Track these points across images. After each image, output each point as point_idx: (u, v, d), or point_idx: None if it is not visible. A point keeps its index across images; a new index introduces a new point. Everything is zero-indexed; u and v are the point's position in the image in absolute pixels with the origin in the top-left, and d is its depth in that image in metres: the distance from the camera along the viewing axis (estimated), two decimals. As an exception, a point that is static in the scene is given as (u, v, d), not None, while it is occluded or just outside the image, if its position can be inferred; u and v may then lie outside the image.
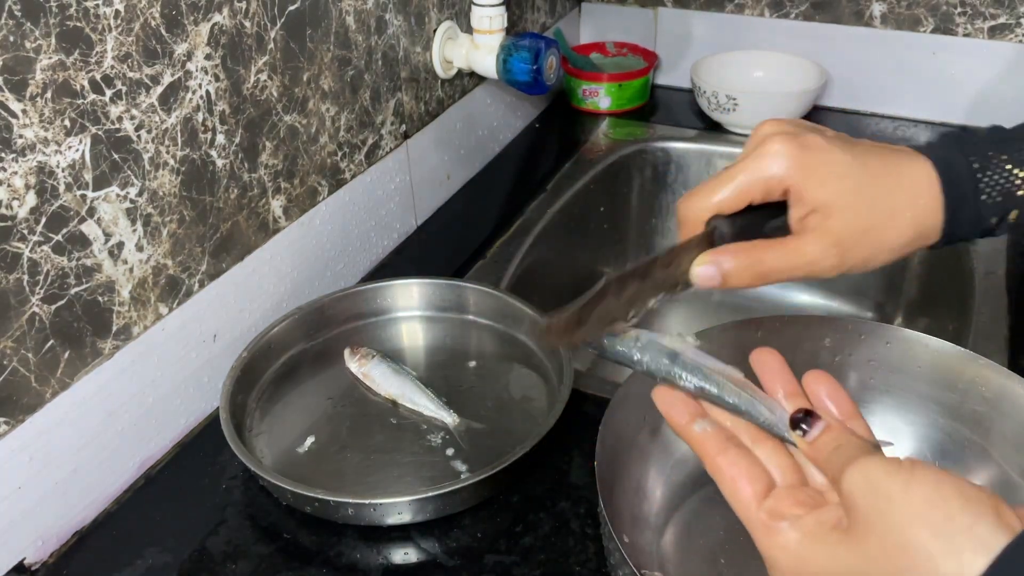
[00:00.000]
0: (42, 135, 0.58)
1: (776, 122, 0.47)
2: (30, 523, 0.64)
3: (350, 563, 0.64)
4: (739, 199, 0.46)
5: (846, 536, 0.37)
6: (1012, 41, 1.15)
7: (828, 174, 0.44)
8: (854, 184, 0.44)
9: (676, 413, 0.44)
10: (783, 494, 0.41)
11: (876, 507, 0.36)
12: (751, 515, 0.40)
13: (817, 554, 0.38)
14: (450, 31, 1.01)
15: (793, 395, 0.44)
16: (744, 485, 0.41)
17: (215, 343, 0.77)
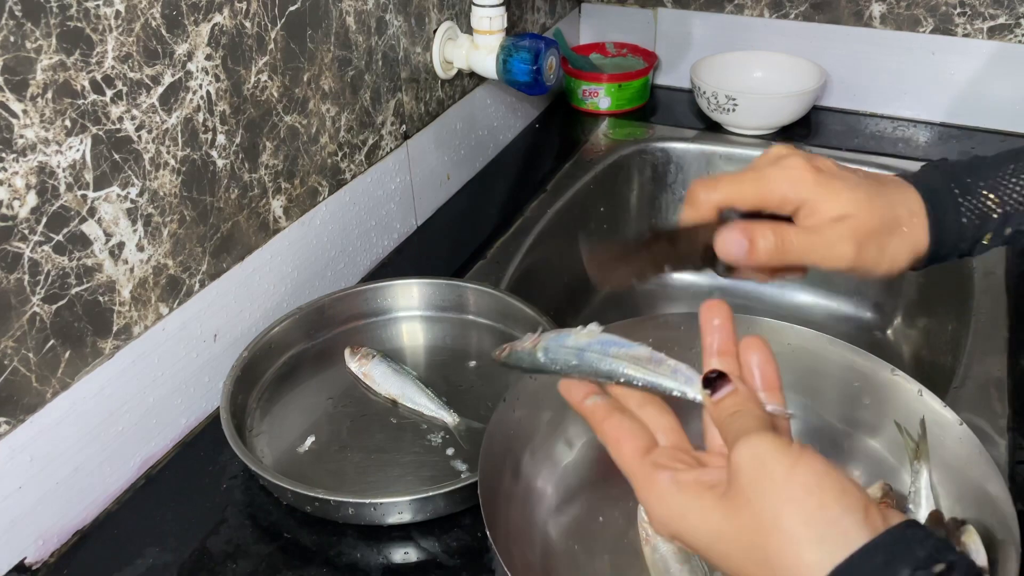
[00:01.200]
0: (43, 135, 0.58)
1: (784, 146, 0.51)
2: (31, 522, 0.64)
3: (350, 563, 0.64)
4: (756, 201, 0.49)
5: (721, 501, 0.39)
6: (1012, 41, 1.15)
7: (842, 188, 0.48)
8: (864, 196, 0.48)
9: (572, 394, 0.48)
10: (664, 451, 0.43)
11: (758, 483, 0.38)
12: (633, 467, 0.43)
13: (690, 509, 0.40)
14: (450, 31, 1.01)
15: (724, 354, 0.46)
16: (626, 442, 0.44)
17: (215, 343, 0.77)
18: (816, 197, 0.48)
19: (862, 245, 0.48)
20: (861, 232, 0.48)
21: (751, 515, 0.37)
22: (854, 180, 0.49)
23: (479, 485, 0.56)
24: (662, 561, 0.60)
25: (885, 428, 0.64)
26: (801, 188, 0.48)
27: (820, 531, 0.35)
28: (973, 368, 0.79)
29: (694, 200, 0.50)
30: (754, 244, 0.48)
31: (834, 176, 0.49)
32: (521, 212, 1.07)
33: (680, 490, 0.40)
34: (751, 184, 0.49)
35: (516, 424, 0.63)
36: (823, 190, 0.48)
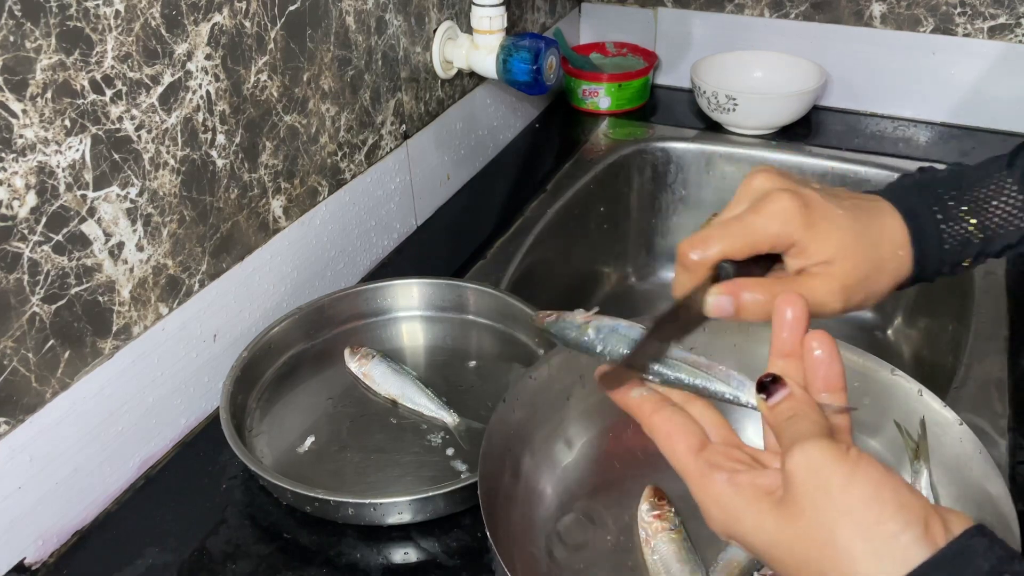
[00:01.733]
0: (42, 135, 0.58)
1: (768, 175, 0.49)
2: (30, 523, 0.64)
3: (350, 563, 0.64)
4: (747, 251, 0.48)
5: (777, 508, 0.38)
6: (1012, 41, 1.15)
7: (830, 229, 0.47)
8: (852, 238, 0.48)
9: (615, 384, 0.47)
10: (718, 449, 0.43)
11: (813, 494, 0.37)
12: (688, 465, 0.42)
13: (746, 514, 0.39)
14: (450, 31, 1.01)
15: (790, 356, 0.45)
16: (679, 438, 0.43)
17: (215, 343, 0.77)
18: (805, 239, 0.47)
19: (850, 294, 0.48)
20: (849, 282, 0.48)
21: (806, 526, 0.37)
22: (841, 219, 0.48)
23: (479, 485, 0.56)
24: (662, 561, 0.60)
25: (885, 428, 0.64)
26: (791, 230, 0.47)
27: (877, 547, 0.35)
28: (973, 368, 0.79)
29: (686, 264, 0.49)
30: (741, 306, 0.47)
31: (822, 214, 0.47)
32: (521, 212, 1.07)
33: (736, 492, 0.39)
34: (740, 236, 0.48)
35: (516, 424, 0.63)
36: (811, 232, 0.47)
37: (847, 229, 0.48)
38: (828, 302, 0.48)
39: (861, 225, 0.48)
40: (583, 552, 0.63)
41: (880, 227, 0.49)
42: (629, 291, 1.28)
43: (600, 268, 1.25)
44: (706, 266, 0.48)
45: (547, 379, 0.65)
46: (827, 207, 0.48)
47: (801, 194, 0.47)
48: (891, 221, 0.50)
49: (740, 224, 0.48)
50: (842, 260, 0.47)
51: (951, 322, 0.99)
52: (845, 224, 0.48)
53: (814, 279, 0.48)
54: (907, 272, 0.50)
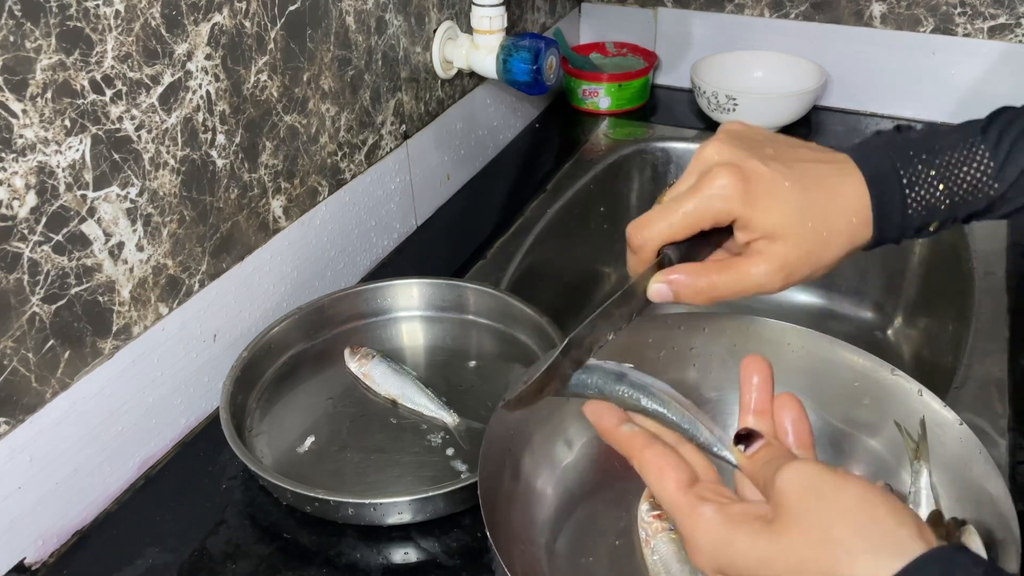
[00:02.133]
0: (42, 135, 0.58)
1: (719, 145, 0.49)
2: (30, 523, 0.64)
3: (350, 563, 0.64)
4: (689, 230, 0.48)
5: (768, 527, 0.38)
6: (1012, 41, 1.15)
7: (771, 204, 0.47)
8: (796, 211, 0.47)
9: (605, 420, 0.47)
10: (707, 486, 0.43)
11: (805, 503, 0.38)
12: (678, 499, 0.42)
13: (738, 539, 0.39)
14: (450, 31, 1.01)
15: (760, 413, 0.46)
16: (670, 473, 0.43)
17: (215, 343, 0.77)
18: (746, 214, 0.47)
19: (792, 271, 0.48)
20: (789, 259, 0.47)
21: (799, 533, 0.37)
22: (786, 191, 0.47)
23: (479, 485, 0.56)
24: (662, 562, 0.60)
25: (885, 428, 0.64)
26: (730, 206, 0.47)
27: (874, 542, 0.35)
28: (973, 368, 0.79)
29: (633, 245, 0.49)
30: (679, 292, 0.48)
31: (765, 189, 0.47)
32: (521, 212, 1.07)
33: (726, 520, 0.40)
34: (680, 217, 0.48)
35: (516, 424, 0.63)
36: (752, 208, 0.46)
37: (791, 203, 0.47)
38: (767, 283, 0.48)
39: (809, 197, 0.47)
40: (583, 552, 0.63)
41: (833, 196, 0.48)
42: (629, 291, 1.28)
43: (600, 268, 1.25)
44: (650, 248, 0.49)
45: None
46: (772, 181, 0.47)
47: (744, 168, 0.47)
48: (850, 187, 0.48)
49: (679, 205, 0.48)
50: (783, 236, 0.47)
51: (951, 322, 0.99)
52: (789, 198, 0.47)
53: (751, 260, 0.48)
54: (864, 238, 0.49)
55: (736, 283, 0.48)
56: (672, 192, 0.49)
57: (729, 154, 0.48)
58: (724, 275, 0.48)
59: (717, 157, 0.48)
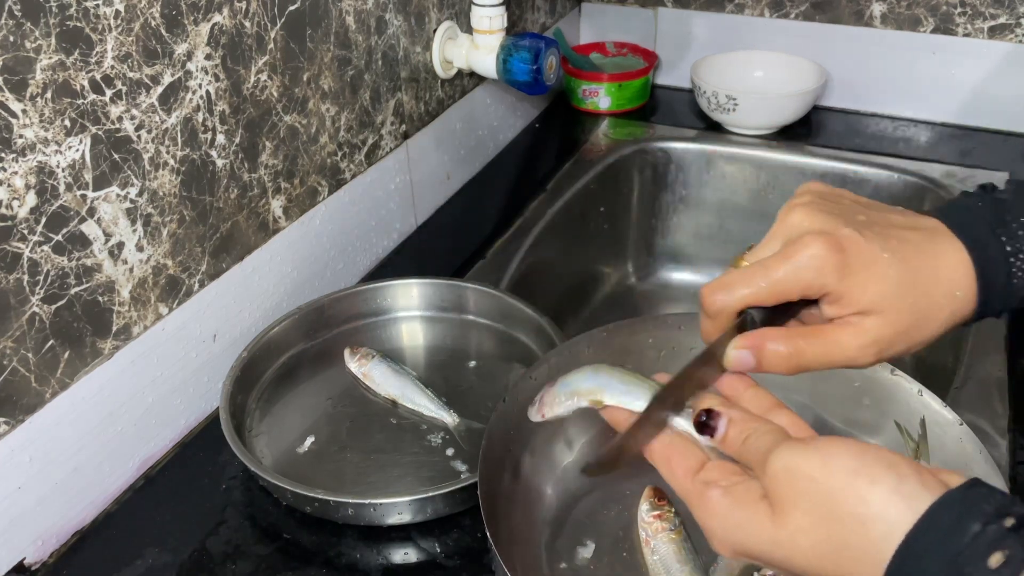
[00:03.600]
0: (42, 135, 0.58)
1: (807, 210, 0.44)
2: (30, 523, 0.64)
3: (350, 563, 0.64)
4: (773, 299, 0.44)
5: (771, 511, 0.38)
6: (1012, 41, 1.15)
7: (869, 278, 0.43)
8: (894, 287, 0.43)
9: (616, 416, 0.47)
10: (714, 466, 0.42)
11: (800, 486, 0.37)
12: (686, 487, 0.42)
13: (745, 522, 0.39)
14: (450, 31, 1.01)
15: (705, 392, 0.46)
16: (678, 462, 0.43)
17: (215, 343, 0.77)
18: (839, 289, 0.42)
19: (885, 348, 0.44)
20: (884, 335, 0.43)
21: (803, 515, 0.37)
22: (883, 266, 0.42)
23: (479, 486, 0.56)
24: (662, 562, 0.60)
25: (885, 428, 0.64)
26: (823, 280, 0.42)
27: (880, 506, 0.35)
28: (973, 368, 0.79)
29: (710, 310, 0.45)
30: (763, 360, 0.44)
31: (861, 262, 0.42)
32: (521, 212, 1.07)
33: (733, 504, 0.40)
34: (766, 285, 0.43)
35: (516, 424, 0.63)
36: (847, 282, 0.42)
37: (889, 279, 0.42)
38: (858, 357, 0.44)
39: (910, 271, 0.43)
40: (583, 553, 0.63)
41: (934, 269, 0.43)
42: (629, 291, 1.28)
43: (600, 268, 1.25)
44: (728, 314, 0.45)
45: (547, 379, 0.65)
46: (868, 252, 0.42)
47: (838, 237, 0.42)
48: (950, 258, 0.44)
49: (766, 272, 0.43)
50: (879, 313, 0.43)
51: (951, 322, 0.98)
52: (888, 273, 0.42)
53: (843, 331, 0.44)
54: (967, 313, 0.45)
55: (826, 354, 0.44)
56: (753, 256, 0.46)
57: (820, 220, 0.44)
58: (813, 343, 0.44)
59: (807, 223, 0.44)
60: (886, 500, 0.35)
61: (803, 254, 0.43)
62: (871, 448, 0.37)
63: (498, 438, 0.61)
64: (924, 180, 1.11)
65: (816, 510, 0.37)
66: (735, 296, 0.44)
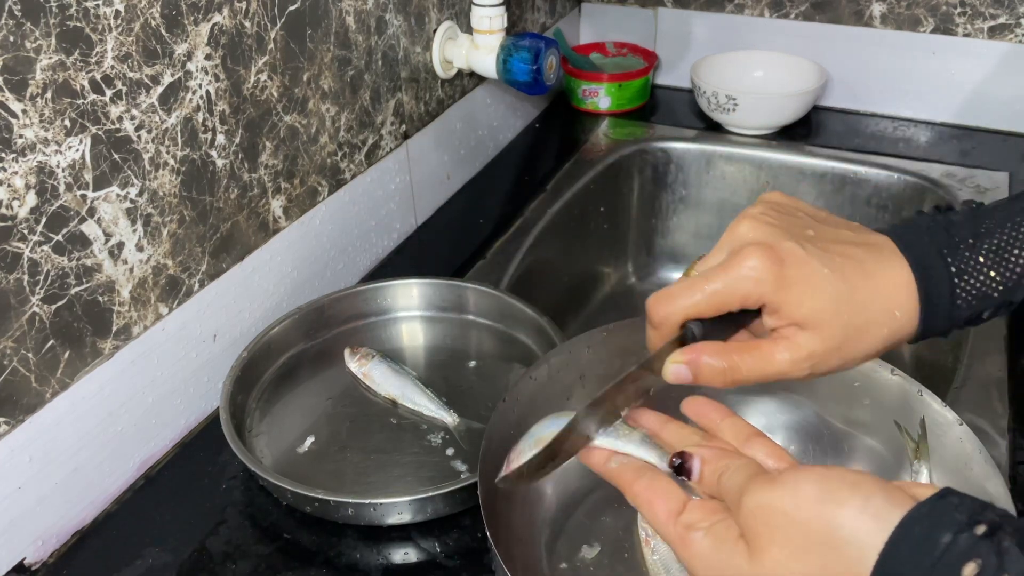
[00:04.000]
0: (42, 135, 0.58)
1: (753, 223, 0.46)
2: (30, 523, 0.64)
3: (350, 563, 0.64)
4: (714, 309, 0.45)
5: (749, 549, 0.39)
6: (1012, 41, 1.15)
7: (805, 292, 0.43)
8: (831, 303, 0.43)
9: (593, 458, 0.47)
10: (696, 506, 0.42)
11: (772, 524, 0.38)
12: (669, 531, 0.42)
13: (727, 562, 0.39)
14: (450, 31, 1.01)
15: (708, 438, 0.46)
16: (660, 505, 0.43)
17: (215, 343, 0.77)
18: (776, 301, 0.43)
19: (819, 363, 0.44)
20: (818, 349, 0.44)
21: (778, 551, 0.37)
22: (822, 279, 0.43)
23: (479, 485, 0.56)
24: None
25: (885, 428, 0.64)
26: (761, 290, 0.43)
27: (850, 529, 0.35)
28: (973, 368, 0.79)
29: (653, 320, 0.46)
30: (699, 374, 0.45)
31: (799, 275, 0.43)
32: (521, 212, 1.07)
33: (713, 546, 0.40)
34: (706, 296, 0.44)
35: (516, 424, 0.63)
36: (784, 294, 0.43)
37: (826, 294, 0.43)
38: (791, 371, 0.45)
39: (847, 287, 0.43)
40: (583, 553, 0.63)
41: (874, 287, 0.44)
42: (629, 291, 1.28)
43: (600, 268, 1.25)
44: (671, 325, 0.46)
45: (547, 379, 0.65)
46: (807, 266, 0.43)
47: (778, 250, 0.43)
48: (893, 276, 0.45)
49: (707, 283, 0.44)
50: (814, 328, 0.43)
51: (951, 322, 0.98)
52: (825, 287, 0.43)
53: (777, 346, 0.44)
54: (907, 332, 0.45)
55: (759, 368, 0.45)
56: (702, 265, 0.47)
57: (765, 232, 0.45)
58: (747, 358, 0.45)
59: (751, 235, 0.45)
60: (855, 522, 0.35)
61: (742, 264, 0.44)
62: (834, 472, 0.38)
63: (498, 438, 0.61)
64: (924, 180, 1.11)
65: (791, 544, 0.37)
66: (677, 306, 0.45)
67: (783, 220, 0.46)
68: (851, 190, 1.15)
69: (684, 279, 0.46)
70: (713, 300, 0.45)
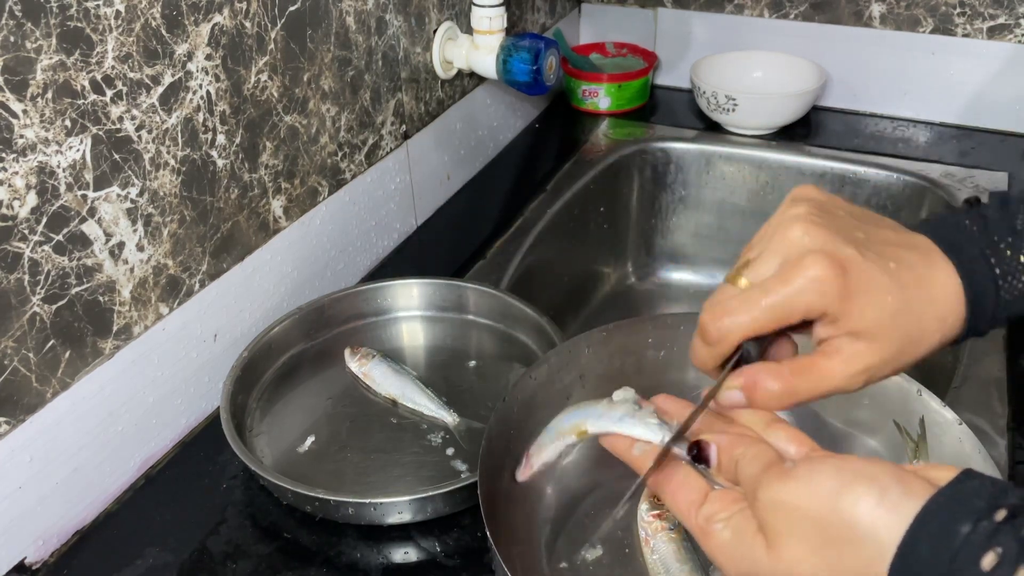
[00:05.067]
0: (43, 135, 0.58)
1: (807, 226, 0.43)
2: (31, 523, 0.64)
3: (350, 563, 0.64)
4: (776, 324, 0.43)
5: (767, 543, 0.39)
6: (1011, 41, 1.15)
7: (868, 303, 0.42)
8: (891, 313, 0.42)
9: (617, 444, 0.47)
10: (717, 496, 0.42)
11: (789, 519, 0.38)
12: (691, 522, 0.42)
13: (747, 555, 0.39)
14: (450, 31, 1.01)
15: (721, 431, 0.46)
16: (681, 495, 0.43)
17: (215, 343, 0.77)
18: (838, 311, 0.41)
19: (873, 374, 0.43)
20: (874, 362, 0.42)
21: (796, 545, 0.37)
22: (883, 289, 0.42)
23: (479, 485, 0.56)
24: (662, 561, 0.60)
25: (885, 428, 0.64)
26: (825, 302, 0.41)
27: (868, 525, 0.35)
28: (973, 368, 0.79)
29: (710, 337, 0.44)
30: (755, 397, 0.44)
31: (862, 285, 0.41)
32: (521, 212, 1.07)
33: (733, 538, 0.40)
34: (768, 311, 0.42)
35: (516, 424, 0.63)
36: (846, 305, 0.41)
37: (885, 303, 0.42)
38: (848, 385, 0.43)
39: (906, 296, 0.42)
40: (583, 552, 0.63)
41: (929, 294, 0.43)
42: (629, 291, 1.28)
43: (600, 268, 1.25)
44: (730, 343, 0.44)
45: (547, 379, 0.65)
46: (869, 274, 0.42)
47: (841, 259, 0.41)
48: (943, 283, 0.43)
49: (766, 296, 0.42)
50: (871, 339, 0.42)
51: (951, 322, 0.98)
52: (886, 296, 0.42)
53: (832, 361, 0.43)
54: (954, 334, 0.44)
55: (816, 387, 0.43)
56: (752, 272, 0.43)
57: (821, 238, 0.42)
58: (803, 379, 0.43)
59: (808, 241, 0.42)
60: (872, 516, 0.35)
61: (804, 275, 0.41)
62: (849, 463, 0.37)
63: (498, 438, 0.61)
64: (923, 180, 1.11)
65: (807, 538, 0.37)
66: (737, 324, 0.43)
67: (832, 221, 0.43)
68: (851, 190, 1.15)
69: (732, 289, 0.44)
70: (775, 315, 0.42)
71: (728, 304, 0.43)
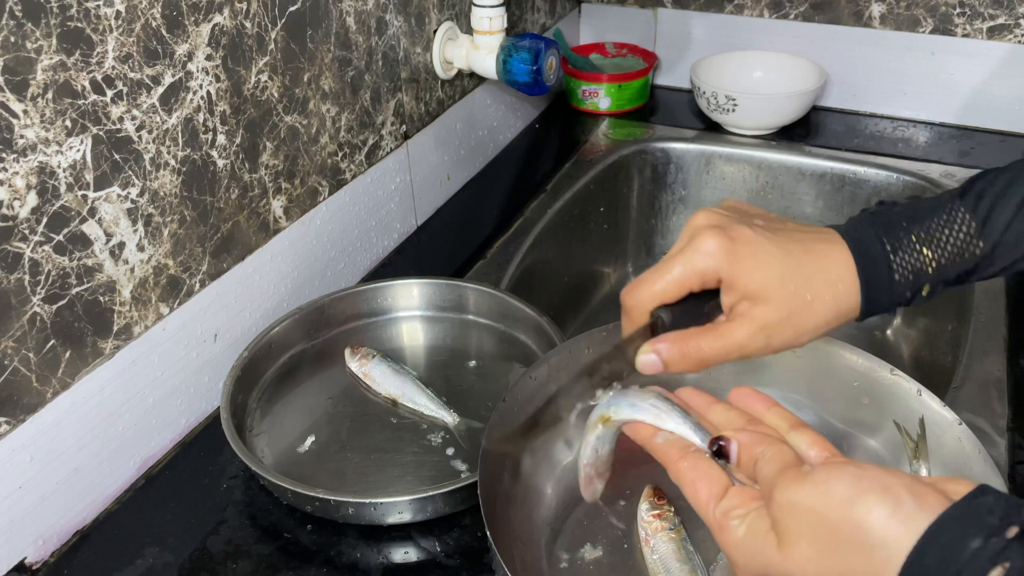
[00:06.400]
0: (43, 135, 0.58)
1: (708, 213, 0.50)
2: (31, 522, 0.64)
3: (350, 562, 0.64)
4: (678, 290, 0.49)
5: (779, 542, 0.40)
6: (1011, 41, 1.15)
7: (755, 265, 0.48)
8: (778, 274, 0.48)
9: (641, 432, 0.49)
10: (736, 492, 0.43)
11: (802, 520, 0.39)
12: (708, 515, 0.43)
13: (760, 553, 0.40)
14: (450, 32, 1.01)
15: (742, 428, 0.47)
16: (702, 487, 0.44)
17: (216, 343, 0.77)
18: (730, 274, 0.48)
19: (772, 333, 0.48)
20: (770, 319, 0.48)
21: (807, 546, 0.38)
22: (770, 255, 0.48)
23: (479, 485, 0.56)
24: (662, 561, 0.60)
25: (885, 428, 0.64)
26: (716, 265, 0.48)
27: (879, 534, 0.36)
28: (973, 368, 0.79)
29: (625, 307, 0.51)
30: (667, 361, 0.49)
31: (748, 251, 0.48)
32: (521, 212, 1.07)
33: (748, 535, 0.41)
34: (669, 276, 0.49)
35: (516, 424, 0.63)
36: (736, 268, 0.48)
37: (773, 266, 0.48)
38: (748, 344, 0.48)
39: (793, 261, 0.48)
40: (583, 552, 0.63)
41: (817, 261, 0.49)
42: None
43: (600, 268, 1.25)
44: (641, 310, 0.50)
45: (547, 379, 0.65)
46: (756, 243, 0.48)
47: (730, 231, 0.48)
48: (834, 254, 0.49)
49: (668, 265, 0.49)
50: (764, 298, 0.48)
51: (950, 322, 0.99)
52: (772, 261, 0.48)
53: (733, 323, 0.49)
54: (851, 305, 0.49)
55: (720, 345, 0.48)
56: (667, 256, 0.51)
57: (717, 219, 0.50)
58: (708, 338, 0.49)
59: (706, 221, 0.50)
60: (884, 527, 0.36)
61: (698, 244, 0.48)
62: (867, 472, 0.38)
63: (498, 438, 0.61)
64: (923, 180, 1.11)
65: (819, 541, 0.38)
66: (645, 292, 0.50)
67: (735, 214, 0.51)
68: (850, 190, 1.15)
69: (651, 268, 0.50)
70: (675, 280, 0.49)
71: (639, 277, 0.50)
